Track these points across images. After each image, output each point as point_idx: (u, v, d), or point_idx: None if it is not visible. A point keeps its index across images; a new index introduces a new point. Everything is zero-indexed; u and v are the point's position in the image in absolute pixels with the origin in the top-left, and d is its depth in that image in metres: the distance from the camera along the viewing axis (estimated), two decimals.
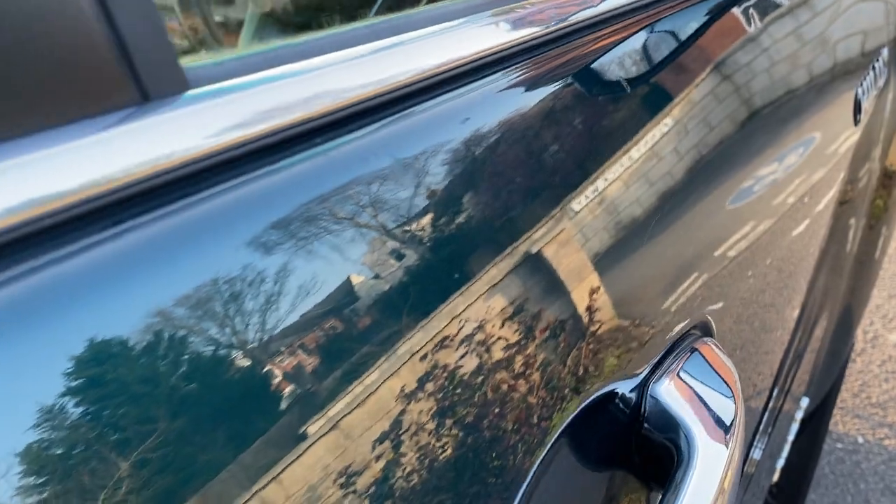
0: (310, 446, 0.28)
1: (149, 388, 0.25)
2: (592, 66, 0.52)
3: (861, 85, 0.91)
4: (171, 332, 0.26)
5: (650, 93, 0.55)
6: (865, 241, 1.14)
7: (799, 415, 1.09)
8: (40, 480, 0.22)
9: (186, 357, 0.26)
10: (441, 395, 0.34)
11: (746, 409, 0.71)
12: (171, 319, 0.26)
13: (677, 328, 0.53)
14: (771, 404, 0.84)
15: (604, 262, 0.47)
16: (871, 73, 0.95)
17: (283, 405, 0.28)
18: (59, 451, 0.22)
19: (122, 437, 0.24)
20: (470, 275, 0.37)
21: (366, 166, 0.34)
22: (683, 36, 0.61)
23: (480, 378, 0.37)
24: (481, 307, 0.37)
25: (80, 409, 0.23)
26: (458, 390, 0.35)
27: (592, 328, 0.45)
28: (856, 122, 0.89)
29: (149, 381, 0.25)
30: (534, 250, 0.41)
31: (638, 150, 0.52)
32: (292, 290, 0.29)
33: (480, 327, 0.37)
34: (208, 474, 0.25)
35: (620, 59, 0.54)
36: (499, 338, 0.38)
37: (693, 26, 0.62)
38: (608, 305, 0.46)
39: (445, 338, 0.35)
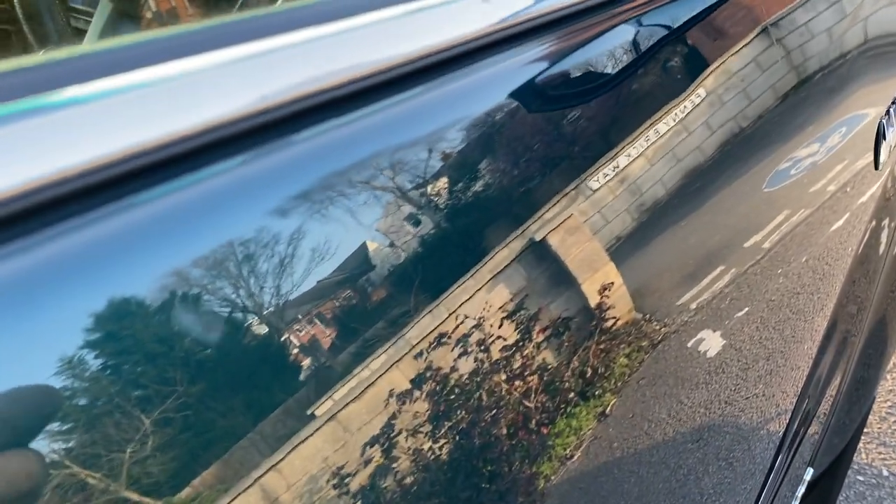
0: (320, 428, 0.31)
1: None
2: (605, 44, 0.48)
3: None
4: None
5: (682, 58, 0.50)
6: None
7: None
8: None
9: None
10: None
11: (765, 433, 0.65)
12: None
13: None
14: (795, 426, 0.77)
15: (619, 251, 0.45)
16: None
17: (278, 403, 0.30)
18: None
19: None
20: (478, 264, 0.38)
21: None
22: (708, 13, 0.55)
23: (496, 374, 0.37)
24: (485, 300, 0.38)
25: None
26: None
27: (602, 324, 0.43)
28: None
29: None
30: (545, 240, 0.41)
31: (660, 128, 0.50)
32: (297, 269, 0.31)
33: (483, 324, 0.37)
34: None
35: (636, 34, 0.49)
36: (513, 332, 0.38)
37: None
38: (619, 301, 0.44)
39: (443, 335, 0.36)
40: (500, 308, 0.38)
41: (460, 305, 0.36)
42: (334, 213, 0.31)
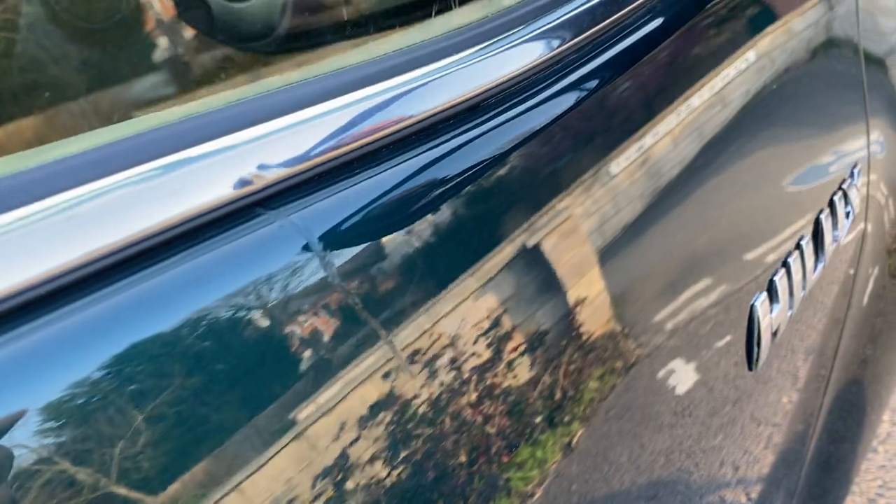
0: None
1: None
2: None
3: None
4: None
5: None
6: (888, 299, 1.05)
7: None
8: None
9: None
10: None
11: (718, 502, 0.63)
12: None
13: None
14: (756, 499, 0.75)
15: (602, 259, 0.46)
16: None
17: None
18: None
19: None
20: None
21: None
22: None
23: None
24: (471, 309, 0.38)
25: None
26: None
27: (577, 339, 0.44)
28: None
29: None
30: (527, 250, 0.42)
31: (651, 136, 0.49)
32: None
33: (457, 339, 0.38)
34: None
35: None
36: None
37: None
38: (594, 315, 0.46)
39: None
40: (476, 325, 0.39)
41: (432, 326, 0.37)
42: None
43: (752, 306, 0.62)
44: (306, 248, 0.34)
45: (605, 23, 0.52)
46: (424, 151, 0.40)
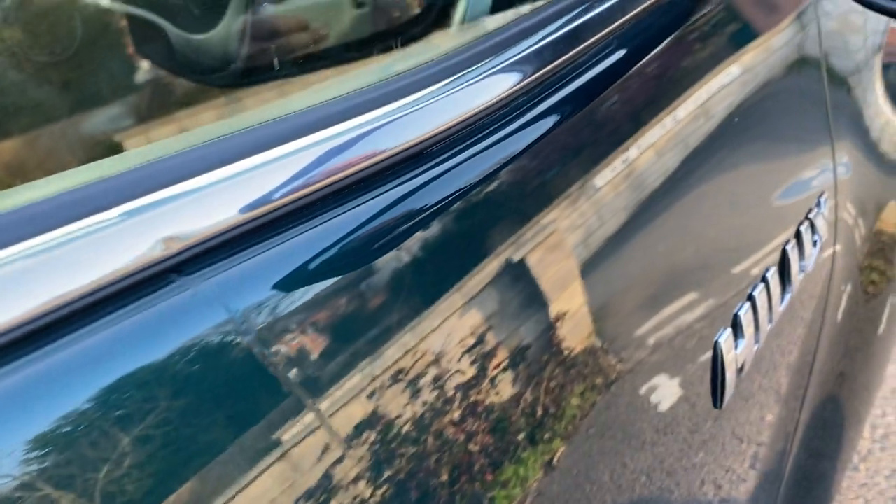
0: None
1: None
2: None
3: None
4: None
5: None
6: (861, 315, 1.06)
7: None
8: None
9: None
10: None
11: None
12: None
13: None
14: None
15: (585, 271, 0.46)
16: None
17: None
18: None
19: None
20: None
21: None
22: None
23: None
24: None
25: None
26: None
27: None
28: None
29: None
30: (513, 262, 0.42)
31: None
32: None
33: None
34: None
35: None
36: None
37: None
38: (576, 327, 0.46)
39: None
40: (460, 343, 0.39)
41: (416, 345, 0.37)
42: None
43: (716, 342, 0.60)
44: (224, 315, 0.31)
45: (558, 62, 0.50)
46: (356, 206, 0.38)
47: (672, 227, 0.59)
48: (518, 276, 0.44)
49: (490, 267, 0.42)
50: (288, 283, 0.34)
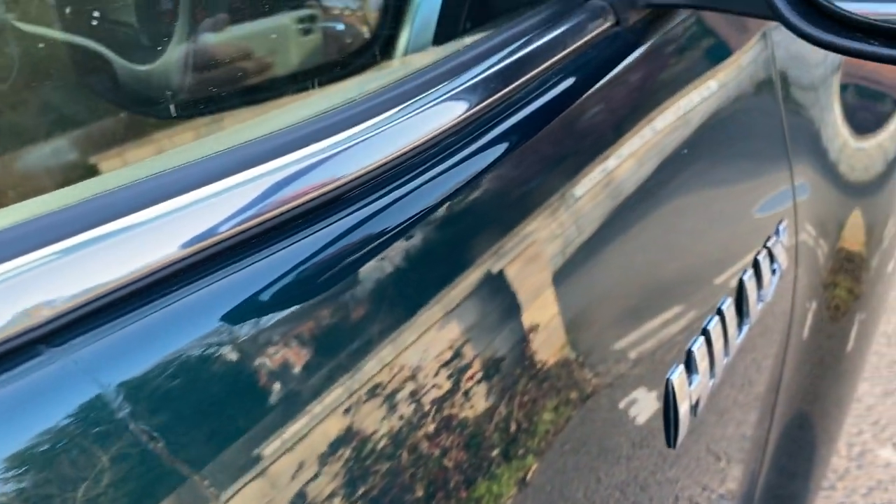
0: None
1: None
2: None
3: None
4: None
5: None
6: (829, 332, 1.07)
7: None
8: None
9: None
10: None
11: None
12: None
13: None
14: None
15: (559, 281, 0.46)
16: None
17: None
18: None
19: None
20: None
21: None
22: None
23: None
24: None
25: None
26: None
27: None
28: None
29: None
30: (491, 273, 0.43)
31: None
32: None
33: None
34: None
35: None
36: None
37: None
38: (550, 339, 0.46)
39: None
40: (437, 358, 0.39)
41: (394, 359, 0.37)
42: None
43: (668, 380, 0.56)
44: (95, 389, 0.28)
45: (500, 93, 0.50)
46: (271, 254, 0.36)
47: (626, 261, 0.58)
48: (477, 299, 0.44)
49: (452, 290, 0.42)
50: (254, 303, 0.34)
